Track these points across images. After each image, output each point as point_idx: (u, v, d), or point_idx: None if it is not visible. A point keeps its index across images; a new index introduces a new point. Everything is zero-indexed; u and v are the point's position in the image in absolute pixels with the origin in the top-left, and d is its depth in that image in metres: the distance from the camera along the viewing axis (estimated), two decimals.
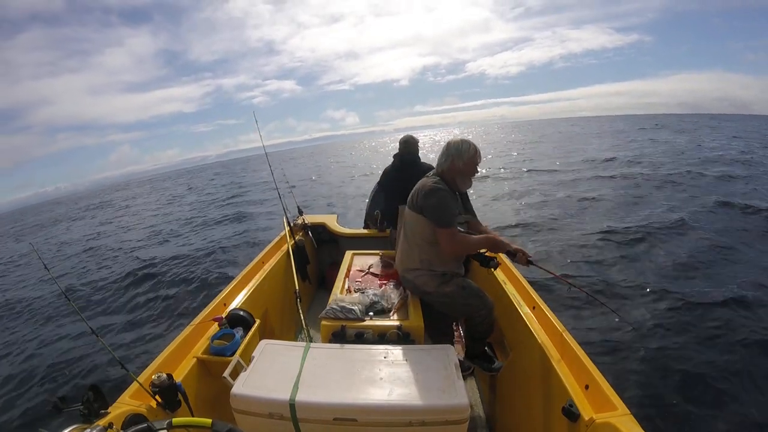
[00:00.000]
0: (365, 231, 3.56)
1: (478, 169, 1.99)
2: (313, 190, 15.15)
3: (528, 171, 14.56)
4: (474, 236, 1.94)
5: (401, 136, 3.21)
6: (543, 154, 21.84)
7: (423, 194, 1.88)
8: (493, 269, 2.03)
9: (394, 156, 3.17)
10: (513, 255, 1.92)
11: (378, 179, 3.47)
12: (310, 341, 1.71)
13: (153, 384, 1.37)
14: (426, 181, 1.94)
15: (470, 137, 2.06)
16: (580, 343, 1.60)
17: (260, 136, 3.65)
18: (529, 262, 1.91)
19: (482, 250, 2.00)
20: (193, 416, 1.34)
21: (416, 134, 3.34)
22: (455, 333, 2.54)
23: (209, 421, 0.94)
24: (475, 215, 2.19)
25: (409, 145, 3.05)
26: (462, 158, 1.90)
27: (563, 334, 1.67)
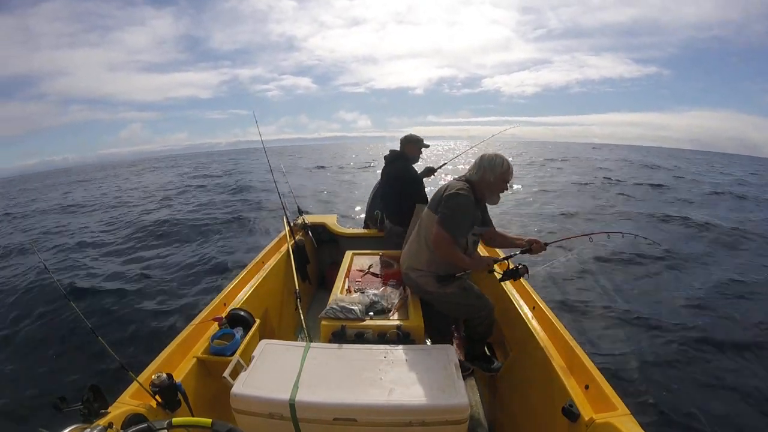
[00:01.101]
0: (365, 231, 3.56)
1: (509, 187, 1.94)
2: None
3: None
4: (464, 256, 1.87)
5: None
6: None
7: (450, 194, 1.84)
8: (523, 276, 1.93)
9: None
10: (528, 250, 1.94)
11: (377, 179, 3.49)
12: (310, 341, 1.71)
13: (153, 384, 1.37)
14: (452, 183, 1.91)
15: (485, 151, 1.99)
16: (580, 343, 1.60)
17: (260, 137, 3.66)
18: (546, 245, 1.94)
19: (509, 266, 1.98)
20: (193, 416, 1.34)
21: (432, 143, 3.32)
22: (454, 334, 2.53)
23: (209, 421, 0.94)
24: (491, 225, 2.14)
25: (401, 143, 3.03)
26: (494, 172, 1.86)
27: (563, 334, 1.67)
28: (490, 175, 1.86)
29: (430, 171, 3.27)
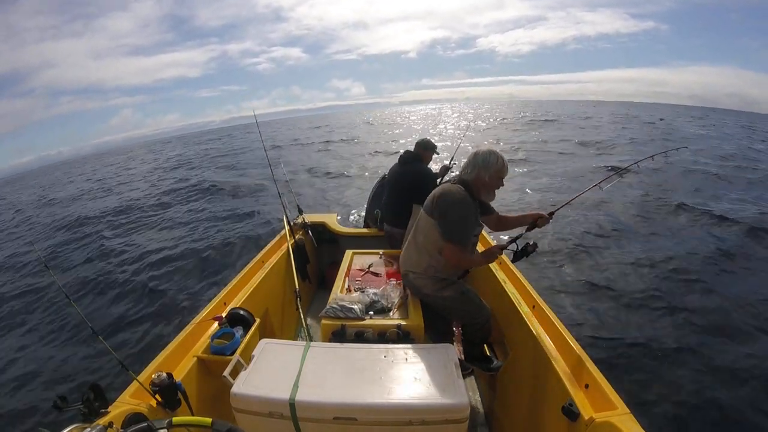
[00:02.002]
0: (365, 230, 3.56)
1: (504, 183, 1.92)
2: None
3: None
4: (476, 256, 1.95)
5: (406, 108, 3.18)
6: None
7: (447, 203, 1.80)
8: (533, 252, 1.91)
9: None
10: (534, 225, 1.97)
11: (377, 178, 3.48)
12: (310, 340, 1.71)
13: (153, 383, 1.37)
14: (450, 188, 1.84)
15: (476, 113, 1.98)
16: (580, 343, 1.60)
17: (259, 134, 3.66)
18: (551, 215, 1.97)
19: (518, 246, 1.95)
20: (193, 415, 1.34)
21: (422, 107, 3.34)
22: (455, 332, 2.54)
23: (209, 420, 0.95)
24: (493, 211, 2.11)
25: (416, 145, 3.06)
26: (488, 171, 1.82)
27: (563, 333, 1.67)
28: (485, 174, 1.83)
29: (446, 169, 3.26)
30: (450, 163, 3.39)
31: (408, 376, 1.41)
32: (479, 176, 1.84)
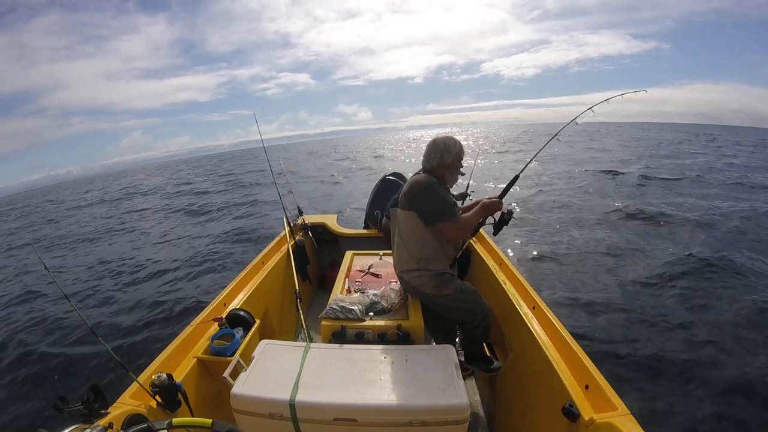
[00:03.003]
0: (365, 231, 3.56)
1: (463, 164, 2.03)
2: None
3: None
4: (469, 213, 1.98)
5: (413, 133, 3.15)
6: None
7: (419, 191, 1.89)
8: (508, 222, 2.00)
9: None
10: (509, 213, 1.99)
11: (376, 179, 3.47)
12: (310, 341, 1.71)
13: (153, 384, 1.37)
14: (418, 178, 1.95)
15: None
16: (580, 343, 1.60)
17: (261, 138, 3.67)
18: (501, 199, 1.98)
19: (493, 217, 2.01)
20: (193, 416, 1.34)
21: (429, 132, 3.30)
22: (456, 333, 2.54)
23: (209, 421, 0.94)
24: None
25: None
26: (450, 153, 1.94)
27: (563, 334, 1.67)
28: (447, 157, 1.94)
29: (463, 196, 2.98)
30: (467, 190, 3.10)
31: (408, 377, 1.41)
32: (443, 160, 1.95)
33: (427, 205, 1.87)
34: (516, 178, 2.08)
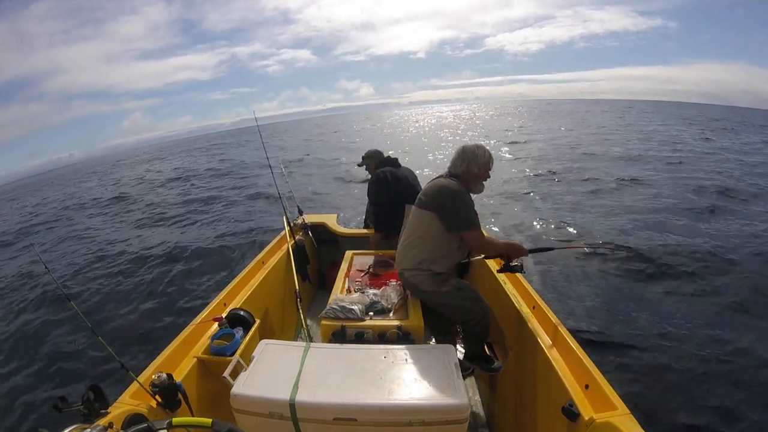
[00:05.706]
0: (365, 231, 3.55)
1: (491, 174, 2.01)
2: None
3: None
4: (500, 240, 2.00)
5: (416, 109, 3.11)
6: None
7: (448, 195, 1.87)
8: (519, 273, 2.03)
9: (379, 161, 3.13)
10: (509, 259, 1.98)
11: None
12: (310, 341, 1.71)
13: (153, 384, 1.37)
14: (445, 182, 1.92)
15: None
16: (580, 343, 1.60)
17: (260, 136, 3.66)
18: (530, 252, 1.98)
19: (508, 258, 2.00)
20: (193, 416, 1.34)
21: (432, 108, 3.27)
22: (457, 333, 2.54)
23: (209, 420, 0.95)
24: None
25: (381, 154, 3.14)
26: (477, 163, 1.92)
27: (563, 334, 1.67)
28: (474, 166, 1.93)
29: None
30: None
31: (408, 377, 1.41)
32: (469, 168, 1.93)
33: (455, 212, 1.86)
34: (552, 249, 2.12)
